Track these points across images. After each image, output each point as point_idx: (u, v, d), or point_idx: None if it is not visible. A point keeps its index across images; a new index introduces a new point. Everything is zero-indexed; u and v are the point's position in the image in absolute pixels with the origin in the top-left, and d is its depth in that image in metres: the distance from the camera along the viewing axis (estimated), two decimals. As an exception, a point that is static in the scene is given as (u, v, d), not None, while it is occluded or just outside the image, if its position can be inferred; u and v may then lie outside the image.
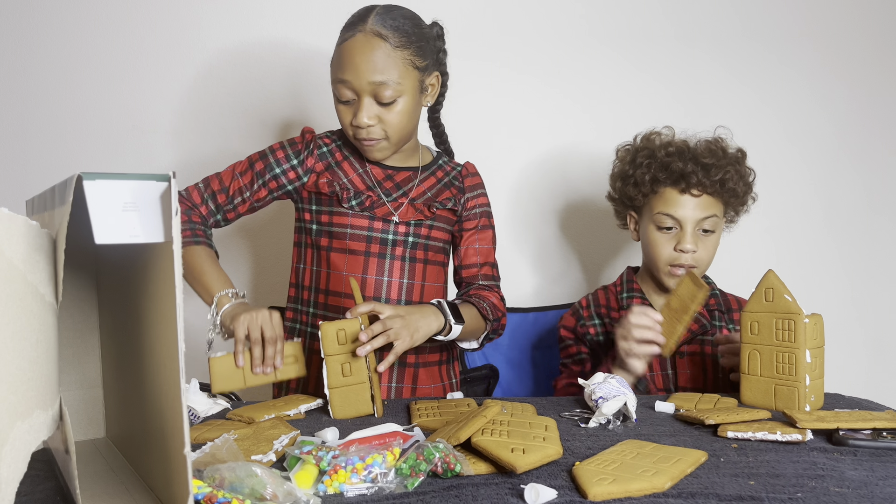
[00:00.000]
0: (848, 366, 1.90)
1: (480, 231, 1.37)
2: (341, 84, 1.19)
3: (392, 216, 1.27)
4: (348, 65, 1.17)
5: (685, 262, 1.33)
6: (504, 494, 0.69)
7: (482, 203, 1.39)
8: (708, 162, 1.31)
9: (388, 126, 1.21)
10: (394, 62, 1.17)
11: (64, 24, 1.76)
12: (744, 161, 1.38)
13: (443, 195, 1.33)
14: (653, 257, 1.38)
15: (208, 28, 1.79)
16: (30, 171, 1.77)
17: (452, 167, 1.39)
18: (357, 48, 1.17)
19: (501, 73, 1.85)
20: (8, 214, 0.53)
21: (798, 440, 0.86)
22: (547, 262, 1.90)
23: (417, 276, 1.30)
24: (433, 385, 1.33)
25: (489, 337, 1.32)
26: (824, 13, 1.93)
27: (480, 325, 1.28)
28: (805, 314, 1.03)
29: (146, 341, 0.67)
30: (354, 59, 1.16)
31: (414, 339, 1.11)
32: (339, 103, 1.22)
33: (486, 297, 1.31)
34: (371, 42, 1.16)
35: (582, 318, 1.44)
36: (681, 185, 1.32)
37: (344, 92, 1.19)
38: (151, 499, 0.67)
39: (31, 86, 1.76)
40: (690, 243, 1.32)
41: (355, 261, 1.27)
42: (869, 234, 1.95)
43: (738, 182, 1.35)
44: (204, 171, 1.79)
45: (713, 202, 1.34)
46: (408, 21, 1.21)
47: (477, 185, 1.39)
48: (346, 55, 1.18)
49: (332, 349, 1.05)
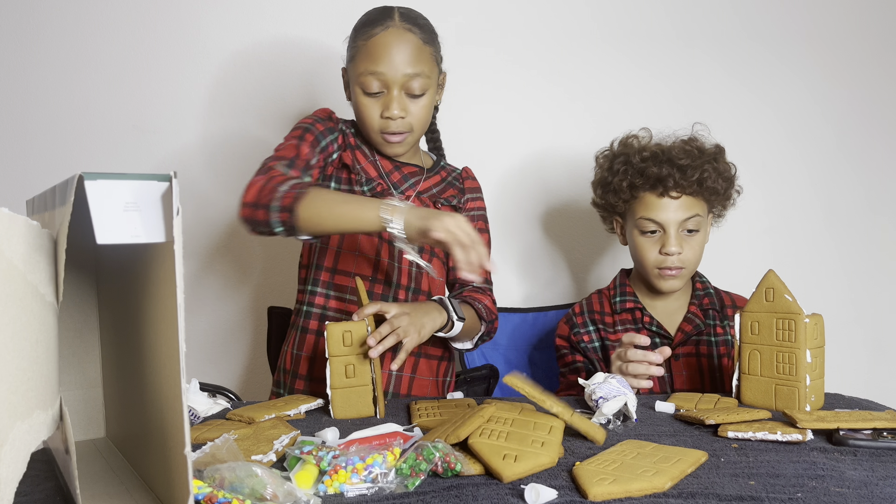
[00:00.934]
0: (848, 366, 1.90)
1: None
2: (372, 76, 1.20)
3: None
4: (382, 56, 1.19)
5: (672, 264, 1.33)
6: (504, 494, 0.69)
7: (480, 207, 1.42)
8: (684, 163, 1.31)
9: (414, 119, 1.24)
10: (424, 56, 1.22)
11: (64, 24, 1.76)
12: (722, 157, 1.37)
13: (447, 192, 1.36)
14: (640, 261, 1.38)
15: (209, 28, 1.79)
16: (30, 171, 1.77)
17: (453, 169, 1.42)
18: (392, 41, 1.20)
19: (485, 76, 1.84)
20: (8, 214, 0.53)
21: (798, 440, 0.86)
22: (534, 267, 1.89)
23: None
24: (431, 378, 1.33)
25: (482, 338, 1.34)
26: (823, 14, 1.93)
27: (476, 326, 1.30)
28: (805, 314, 1.03)
29: (146, 341, 0.67)
30: (390, 51, 1.19)
31: (421, 336, 1.12)
32: (366, 96, 1.23)
33: (480, 300, 1.33)
34: (404, 35, 1.20)
35: (576, 325, 1.43)
36: (658, 189, 1.32)
37: (372, 83, 1.21)
38: (151, 499, 0.67)
39: (31, 86, 1.76)
40: (675, 245, 1.32)
41: (370, 242, 1.29)
42: (869, 235, 1.95)
43: (716, 180, 1.34)
44: (204, 170, 1.80)
45: (694, 202, 1.34)
46: (427, 21, 1.26)
47: (476, 189, 1.43)
48: (379, 48, 1.20)
49: (338, 350, 1.05)
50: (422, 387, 1.31)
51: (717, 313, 1.40)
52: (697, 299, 1.41)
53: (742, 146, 1.41)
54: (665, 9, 1.89)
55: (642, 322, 1.39)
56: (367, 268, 1.29)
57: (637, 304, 1.41)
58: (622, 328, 1.39)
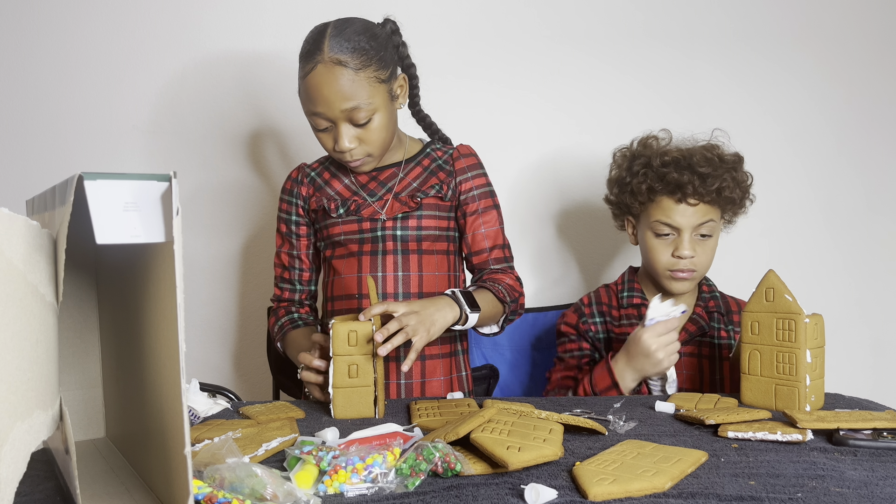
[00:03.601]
0: (848, 366, 1.90)
1: (484, 213, 1.35)
2: (315, 116, 1.22)
3: (379, 214, 1.30)
4: (317, 97, 1.19)
5: (684, 266, 1.34)
6: (504, 494, 0.69)
7: (480, 184, 1.36)
8: (704, 171, 1.31)
9: (369, 144, 1.24)
10: (360, 85, 1.19)
11: (64, 24, 1.76)
12: (740, 166, 1.38)
13: (428, 183, 1.33)
14: (652, 262, 1.38)
15: (208, 28, 1.79)
16: (30, 171, 1.77)
17: (444, 152, 1.38)
18: (321, 80, 1.18)
19: (495, 78, 1.84)
20: (8, 214, 0.53)
21: (798, 440, 0.86)
22: (545, 267, 1.90)
23: (413, 267, 1.31)
24: (443, 378, 1.32)
25: (509, 319, 1.32)
26: (821, 15, 1.93)
27: (498, 309, 1.27)
28: (805, 314, 1.03)
29: (146, 341, 0.67)
30: (322, 92, 1.18)
31: (431, 334, 1.10)
32: (318, 132, 1.25)
33: (501, 280, 1.31)
34: (332, 71, 1.17)
35: (584, 315, 1.44)
36: (677, 195, 1.32)
37: (319, 122, 1.22)
38: (151, 499, 0.67)
39: (31, 86, 1.76)
40: (688, 249, 1.32)
41: (351, 263, 1.32)
42: (869, 234, 1.95)
43: (734, 189, 1.35)
44: (204, 170, 1.80)
45: (710, 208, 1.34)
46: (362, 37, 1.20)
47: (472, 166, 1.37)
48: (312, 89, 1.19)
49: (342, 349, 1.04)
50: (435, 388, 1.31)
51: (723, 317, 1.40)
52: (703, 301, 1.41)
53: (741, 148, 1.41)
54: (674, 9, 1.89)
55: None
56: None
57: (644, 300, 1.41)
58: (627, 323, 1.40)
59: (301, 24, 1.79)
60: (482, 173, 1.38)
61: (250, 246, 1.83)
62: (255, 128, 1.82)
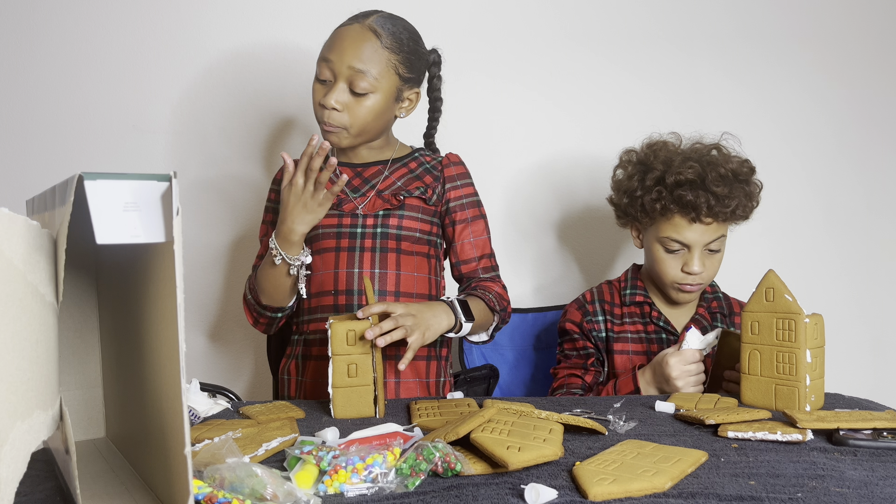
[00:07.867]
0: (848, 366, 1.90)
1: (472, 223, 1.37)
2: (323, 62, 1.24)
3: (359, 210, 1.30)
4: (335, 46, 1.23)
5: (692, 281, 1.33)
6: (504, 494, 0.69)
7: (469, 193, 1.38)
8: (720, 192, 1.29)
9: (353, 117, 1.24)
10: (378, 58, 1.22)
11: (64, 24, 1.76)
12: (752, 179, 1.36)
13: (413, 184, 1.33)
14: (659, 274, 1.37)
15: (208, 28, 1.79)
16: (30, 171, 1.77)
17: (432, 158, 1.39)
18: (348, 34, 1.22)
19: (494, 82, 1.84)
20: (8, 214, 0.53)
21: (798, 440, 0.86)
22: (545, 267, 1.90)
23: (390, 265, 1.30)
24: (417, 380, 1.31)
25: (498, 327, 1.33)
26: (822, 15, 1.93)
27: (489, 318, 1.29)
28: (805, 314, 1.03)
29: (146, 341, 0.67)
30: (343, 42, 1.22)
31: (426, 337, 1.12)
32: (317, 81, 1.26)
33: (490, 289, 1.32)
34: (363, 34, 1.22)
35: (588, 313, 1.43)
36: (691, 215, 1.31)
37: (323, 71, 1.24)
38: (151, 499, 0.67)
39: (31, 86, 1.76)
40: (698, 265, 1.32)
41: (328, 258, 1.30)
42: (869, 234, 1.95)
43: (746, 206, 1.34)
44: (204, 170, 1.80)
45: (722, 225, 1.34)
46: (406, 32, 1.26)
47: (462, 175, 1.38)
48: (336, 37, 1.24)
49: (341, 349, 1.04)
50: (409, 390, 1.30)
51: (725, 318, 1.40)
52: (706, 302, 1.41)
53: (743, 146, 1.41)
54: (674, 9, 1.89)
55: (650, 316, 1.40)
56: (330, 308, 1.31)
57: (647, 298, 1.41)
58: (629, 321, 1.40)
59: (301, 23, 1.80)
60: (470, 182, 1.40)
61: (251, 246, 1.83)
62: (256, 127, 1.82)
